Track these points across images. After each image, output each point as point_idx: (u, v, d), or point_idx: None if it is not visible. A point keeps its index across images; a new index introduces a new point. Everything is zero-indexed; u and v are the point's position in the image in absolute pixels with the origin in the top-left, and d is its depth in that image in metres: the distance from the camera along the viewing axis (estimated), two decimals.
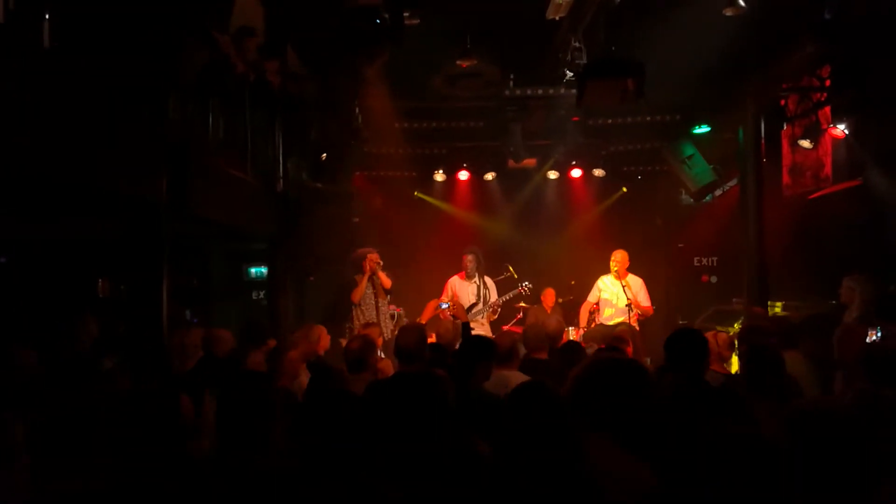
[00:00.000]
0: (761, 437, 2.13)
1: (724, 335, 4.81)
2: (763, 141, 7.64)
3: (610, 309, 7.64)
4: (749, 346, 3.48)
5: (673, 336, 3.56)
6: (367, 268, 7.81)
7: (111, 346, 4.59)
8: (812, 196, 8.20)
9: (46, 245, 7.49)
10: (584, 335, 7.11)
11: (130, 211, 4.48)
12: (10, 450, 2.12)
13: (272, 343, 5.11)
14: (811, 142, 7.70)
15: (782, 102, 8.16)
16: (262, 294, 9.29)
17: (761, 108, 7.58)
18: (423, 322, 5.50)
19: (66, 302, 7.22)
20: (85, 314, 5.73)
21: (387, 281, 7.82)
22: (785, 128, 8.43)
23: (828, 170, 7.92)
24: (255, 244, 7.97)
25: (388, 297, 7.98)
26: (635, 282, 7.68)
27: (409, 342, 4.11)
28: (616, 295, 7.61)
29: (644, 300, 7.66)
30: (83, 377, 4.14)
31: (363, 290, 7.86)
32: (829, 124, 7.43)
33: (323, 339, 5.59)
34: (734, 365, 4.99)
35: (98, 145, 3.75)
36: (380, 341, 6.31)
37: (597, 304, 7.81)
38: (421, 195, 10.65)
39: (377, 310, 7.81)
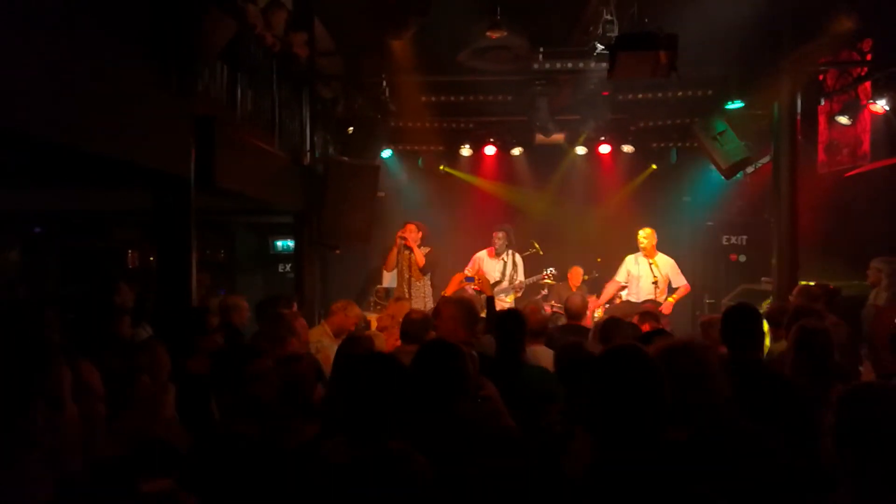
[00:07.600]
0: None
1: None
2: (799, 117, 7.44)
3: (638, 286, 7.55)
4: (801, 327, 3.34)
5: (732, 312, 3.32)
6: (397, 240, 7.71)
7: (145, 316, 4.67)
8: (848, 174, 7.99)
9: (79, 217, 7.64)
10: (607, 311, 7.05)
11: (158, 184, 4.52)
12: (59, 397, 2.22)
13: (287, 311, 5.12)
14: (849, 118, 7.49)
15: (820, 77, 7.92)
16: (288, 267, 9.37)
17: (798, 83, 7.36)
18: (448, 295, 5.47)
19: (98, 272, 7.38)
20: (119, 284, 5.81)
21: (420, 259, 7.61)
22: (822, 103, 8.19)
23: (866, 147, 7.71)
24: (282, 217, 8.01)
25: (426, 275, 7.69)
26: (665, 261, 7.57)
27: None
28: (644, 273, 7.52)
29: (678, 279, 7.56)
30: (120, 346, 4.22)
31: (393, 262, 7.77)
32: (868, 100, 7.22)
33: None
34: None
35: (126, 118, 3.78)
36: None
37: (625, 283, 7.73)
38: (447, 169, 10.58)
39: (409, 285, 7.62)
